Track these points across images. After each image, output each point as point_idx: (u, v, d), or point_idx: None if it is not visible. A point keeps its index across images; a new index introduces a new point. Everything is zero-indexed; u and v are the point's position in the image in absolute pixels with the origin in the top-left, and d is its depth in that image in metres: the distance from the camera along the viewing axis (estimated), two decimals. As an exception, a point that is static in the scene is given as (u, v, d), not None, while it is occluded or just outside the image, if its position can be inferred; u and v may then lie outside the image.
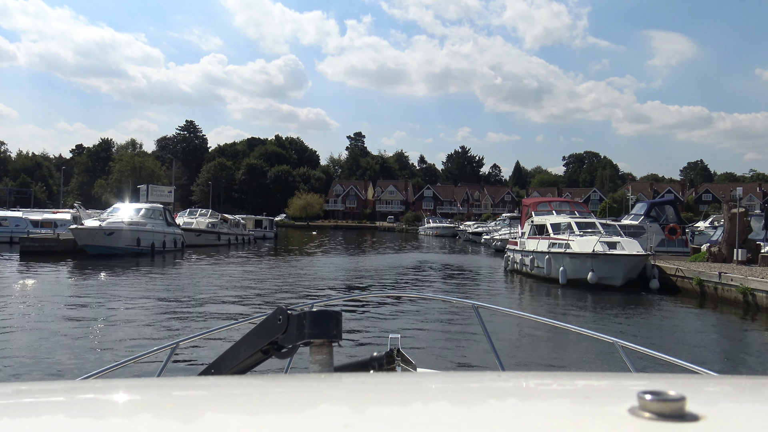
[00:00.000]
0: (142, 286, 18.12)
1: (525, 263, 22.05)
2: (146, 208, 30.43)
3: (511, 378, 1.06)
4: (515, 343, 10.16)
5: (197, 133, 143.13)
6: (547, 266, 19.82)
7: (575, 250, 18.81)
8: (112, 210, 29.81)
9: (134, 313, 13.03)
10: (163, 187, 44.26)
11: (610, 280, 18.16)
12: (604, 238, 18.91)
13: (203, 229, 36.46)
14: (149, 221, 29.21)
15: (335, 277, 22.18)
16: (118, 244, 26.48)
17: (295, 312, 1.23)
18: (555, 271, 19.49)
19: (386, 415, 0.76)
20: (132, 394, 0.91)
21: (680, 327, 13.34)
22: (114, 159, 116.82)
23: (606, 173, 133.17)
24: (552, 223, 21.34)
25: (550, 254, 19.77)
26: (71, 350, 9.30)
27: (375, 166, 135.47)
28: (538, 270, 20.81)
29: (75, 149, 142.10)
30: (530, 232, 22.94)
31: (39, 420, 0.78)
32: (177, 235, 32.02)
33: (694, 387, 0.95)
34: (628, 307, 16.01)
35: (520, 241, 23.39)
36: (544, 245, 20.55)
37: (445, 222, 78.00)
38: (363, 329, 11.11)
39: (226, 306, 14.35)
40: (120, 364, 1.85)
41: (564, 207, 23.63)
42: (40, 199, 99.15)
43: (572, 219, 21.42)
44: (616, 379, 1.03)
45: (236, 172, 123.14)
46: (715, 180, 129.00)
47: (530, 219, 23.37)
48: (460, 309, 12.77)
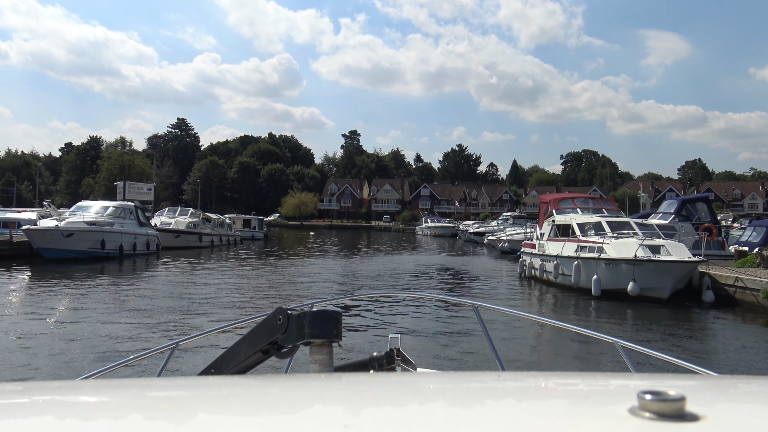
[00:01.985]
0: (94, 298, 14.95)
1: (546, 269, 18.94)
2: (114, 206, 27.06)
3: (511, 378, 1.05)
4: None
5: (189, 131, 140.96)
6: (576, 274, 16.70)
7: (611, 256, 15.71)
8: (76, 209, 26.45)
9: (70, 331, 10.42)
10: (142, 184, 40.89)
11: (656, 291, 15.07)
12: (646, 241, 15.82)
13: (182, 230, 33.17)
14: (117, 221, 25.91)
15: (323, 290, 19.01)
16: (78, 246, 23.22)
17: (295, 312, 1.22)
18: (586, 280, 16.38)
19: (386, 415, 0.75)
20: (132, 394, 0.93)
21: (762, 356, 10.35)
22: (102, 157, 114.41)
23: (606, 172, 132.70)
24: (579, 222, 18.22)
25: (580, 260, 16.65)
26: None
27: (370, 164, 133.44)
28: (563, 278, 17.70)
29: (64, 147, 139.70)
30: (551, 233, 19.85)
31: (39, 420, 0.78)
32: (150, 236, 28.71)
33: (694, 387, 0.95)
34: (682, 325, 12.98)
35: (538, 244, 20.27)
36: (571, 249, 17.44)
37: (443, 221, 74.93)
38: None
39: (189, 319, 11.36)
40: (120, 364, 1.87)
41: (589, 204, 20.49)
42: (27, 198, 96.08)
43: (602, 218, 18.32)
44: (616, 379, 1.03)
45: (228, 170, 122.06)
46: (714, 178, 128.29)
47: (551, 218, 20.26)
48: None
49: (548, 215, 20.75)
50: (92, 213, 25.61)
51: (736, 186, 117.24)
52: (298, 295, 16.65)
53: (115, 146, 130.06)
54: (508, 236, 34.83)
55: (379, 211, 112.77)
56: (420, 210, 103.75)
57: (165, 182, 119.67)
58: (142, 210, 29.18)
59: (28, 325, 11.17)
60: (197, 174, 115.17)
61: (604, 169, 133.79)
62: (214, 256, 30.44)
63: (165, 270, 23.34)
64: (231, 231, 40.97)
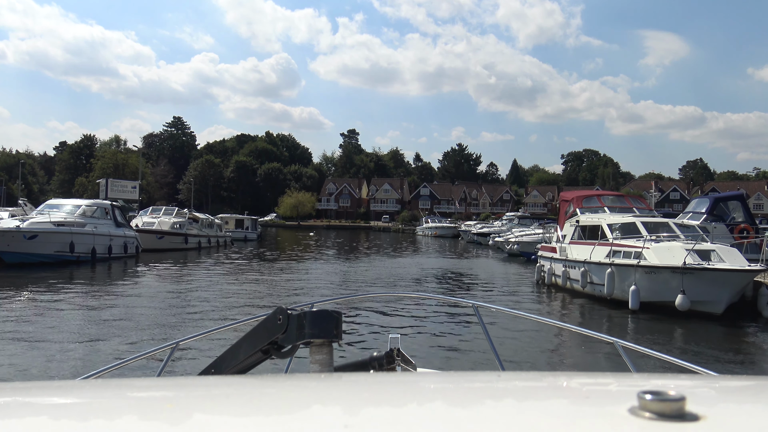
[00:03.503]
0: (53, 308, 12.61)
1: (570, 276, 16.56)
2: (87, 205, 24.50)
3: (511, 378, 1.05)
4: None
5: (185, 129, 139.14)
6: (609, 283, 14.32)
7: (654, 263, 13.33)
8: (45, 207, 23.94)
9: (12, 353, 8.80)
10: (126, 181, 38.34)
11: (709, 305, 12.70)
12: (693, 246, 13.47)
13: (166, 231, 30.70)
14: (90, 221, 23.41)
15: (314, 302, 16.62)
16: (43, 250, 20.79)
17: (295, 312, 1.22)
18: (622, 291, 14.02)
19: (386, 415, 0.75)
20: (132, 394, 0.92)
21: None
22: (96, 156, 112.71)
23: (608, 171, 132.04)
24: (610, 223, 15.83)
25: (614, 267, 14.27)
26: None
27: (369, 163, 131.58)
28: (592, 287, 15.33)
29: (58, 146, 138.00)
30: (575, 236, 17.48)
31: (39, 420, 0.78)
32: (129, 238, 26.21)
33: (694, 387, 0.95)
34: (744, 347, 10.79)
35: (560, 247, 17.88)
36: (602, 254, 15.07)
37: (445, 222, 72.60)
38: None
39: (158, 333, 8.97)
40: (120, 364, 1.84)
41: (618, 202, 18.07)
42: (18, 197, 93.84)
43: (636, 218, 15.95)
44: (616, 379, 1.03)
45: (225, 169, 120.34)
46: (716, 178, 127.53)
47: (574, 218, 17.89)
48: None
49: (571, 215, 18.37)
50: (62, 212, 23.14)
51: (741, 186, 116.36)
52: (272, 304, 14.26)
53: (110, 145, 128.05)
54: (517, 237, 32.43)
55: (378, 211, 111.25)
56: (420, 210, 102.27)
57: (160, 181, 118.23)
58: (120, 209, 26.68)
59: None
60: (193, 173, 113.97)
61: (606, 168, 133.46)
62: (200, 259, 28.01)
63: (141, 276, 20.96)
64: (221, 232, 38.51)
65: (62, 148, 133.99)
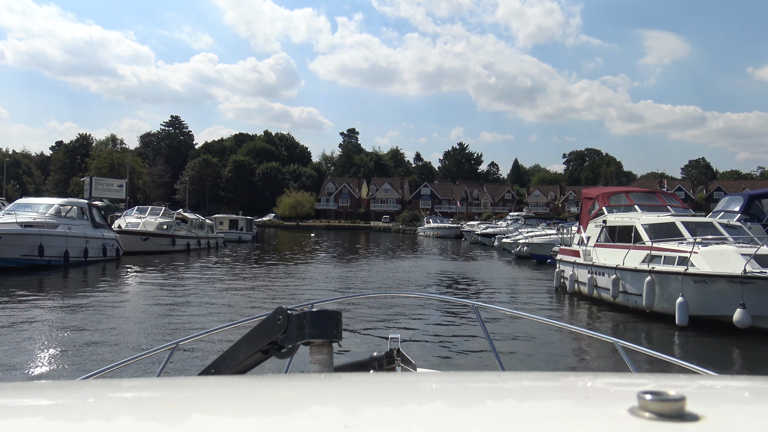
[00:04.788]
0: (12, 321, 10.59)
1: (598, 284, 14.52)
2: (60, 204, 22.38)
3: (511, 378, 1.05)
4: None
5: (183, 129, 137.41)
6: (649, 293, 12.26)
7: (705, 270, 11.27)
8: (12, 207, 21.77)
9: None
10: (112, 180, 36.20)
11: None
12: (747, 249, 11.44)
13: (152, 232, 28.61)
14: (63, 222, 21.34)
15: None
16: (7, 253, 18.71)
17: (295, 312, 1.21)
18: (665, 303, 11.98)
19: (386, 416, 0.75)
20: (132, 394, 0.92)
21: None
22: (91, 155, 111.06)
23: (611, 170, 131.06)
24: (646, 224, 13.78)
25: (654, 275, 12.21)
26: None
27: (369, 163, 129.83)
28: (626, 298, 13.28)
29: (55, 146, 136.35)
30: (601, 237, 15.44)
31: (39, 420, 0.78)
32: (108, 240, 24.09)
33: (694, 387, 0.95)
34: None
35: (584, 251, 15.84)
36: (637, 259, 13.02)
37: (447, 222, 70.54)
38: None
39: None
40: (120, 364, 1.83)
41: (650, 199, 15.96)
42: (13, 197, 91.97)
43: (676, 217, 13.90)
44: (616, 379, 1.03)
45: (223, 169, 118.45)
46: (719, 178, 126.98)
47: (600, 218, 15.84)
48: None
49: (595, 214, 16.31)
50: (33, 213, 21.07)
51: (747, 185, 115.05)
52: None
53: (106, 144, 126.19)
54: (526, 239, 30.37)
55: (378, 211, 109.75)
56: (420, 210, 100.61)
57: (157, 181, 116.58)
58: (98, 209, 24.53)
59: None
60: (190, 173, 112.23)
61: (609, 167, 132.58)
62: (187, 262, 25.95)
63: (118, 282, 18.92)
64: (212, 233, 36.43)
65: (58, 148, 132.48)
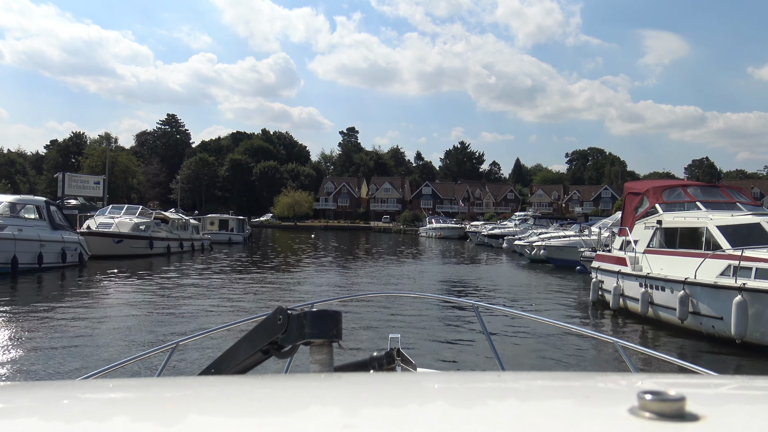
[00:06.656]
0: None
1: (654, 301, 11.53)
2: (10, 201, 19.51)
3: (511, 378, 1.05)
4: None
5: (179, 127, 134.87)
6: (739, 318, 9.24)
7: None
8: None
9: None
10: (88, 176, 33.24)
11: None
12: None
13: (126, 233, 25.61)
14: (12, 222, 18.39)
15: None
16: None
17: (295, 312, 1.21)
18: (757, 330, 9.01)
19: (386, 415, 0.75)
20: (132, 394, 0.92)
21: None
22: (84, 154, 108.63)
23: (615, 170, 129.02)
24: (721, 225, 10.79)
25: (746, 293, 9.22)
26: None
27: (369, 162, 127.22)
28: (699, 321, 10.29)
29: (49, 145, 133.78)
30: (653, 242, 12.47)
31: (39, 420, 0.77)
32: (69, 243, 21.09)
33: (694, 387, 0.95)
34: None
35: (631, 258, 12.84)
36: (713, 271, 10.04)
37: (450, 222, 67.57)
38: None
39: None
40: (120, 364, 1.83)
41: (713, 195, 12.99)
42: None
43: (762, 217, 10.91)
44: (616, 379, 1.03)
45: (219, 168, 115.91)
46: (722, 177, 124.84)
47: (652, 217, 12.86)
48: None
49: (645, 213, 13.33)
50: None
51: (755, 184, 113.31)
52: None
53: (100, 143, 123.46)
54: (543, 241, 27.38)
55: (379, 210, 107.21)
56: (422, 210, 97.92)
57: (152, 180, 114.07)
58: (57, 207, 21.56)
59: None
60: (186, 172, 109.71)
61: (613, 167, 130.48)
62: (164, 268, 22.96)
63: (75, 295, 15.95)
64: (197, 234, 33.43)
65: (52, 147, 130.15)
